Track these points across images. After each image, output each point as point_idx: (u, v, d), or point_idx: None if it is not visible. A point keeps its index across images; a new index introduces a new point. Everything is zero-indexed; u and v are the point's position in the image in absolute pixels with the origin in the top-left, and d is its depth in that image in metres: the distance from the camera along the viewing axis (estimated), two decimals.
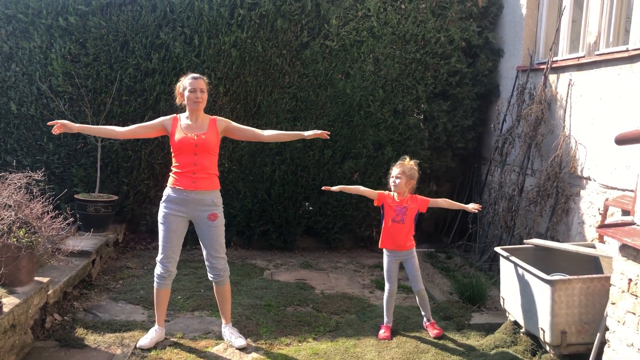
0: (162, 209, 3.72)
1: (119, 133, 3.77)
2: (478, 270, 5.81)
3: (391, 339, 4.02)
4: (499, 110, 6.36)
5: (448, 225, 6.98)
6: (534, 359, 3.71)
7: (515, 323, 4.04)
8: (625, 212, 3.98)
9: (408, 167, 4.05)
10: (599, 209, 4.56)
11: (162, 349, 3.69)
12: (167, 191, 3.73)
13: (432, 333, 4.07)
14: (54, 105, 5.73)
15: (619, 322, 3.05)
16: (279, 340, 3.94)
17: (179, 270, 3.91)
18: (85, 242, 4.91)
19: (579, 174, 4.90)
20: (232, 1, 5.80)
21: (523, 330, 3.93)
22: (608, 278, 3.30)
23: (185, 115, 3.79)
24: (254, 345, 3.82)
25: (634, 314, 2.91)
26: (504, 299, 4.19)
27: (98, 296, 4.60)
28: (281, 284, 5.12)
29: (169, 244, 3.70)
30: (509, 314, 4.14)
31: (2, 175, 3.83)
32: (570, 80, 5.13)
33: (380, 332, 4.09)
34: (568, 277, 3.55)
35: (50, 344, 3.68)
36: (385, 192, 4.14)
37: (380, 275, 5.55)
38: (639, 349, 2.86)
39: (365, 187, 4.23)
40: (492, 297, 4.88)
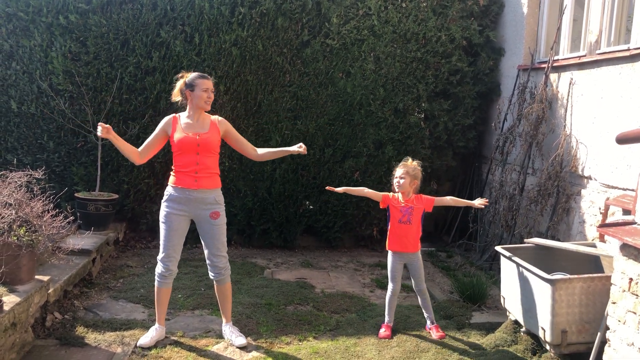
0: (163, 208, 3.71)
1: (138, 158, 3.71)
2: (478, 269, 5.81)
3: (392, 338, 4.02)
4: (500, 109, 6.35)
5: (449, 224, 6.98)
6: (535, 358, 3.71)
7: (516, 322, 4.04)
8: (626, 212, 3.97)
9: (411, 167, 4.04)
10: (599, 208, 4.55)
11: (162, 347, 3.70)
12: (168, 190, 3.72)
13: (435, 335, 4.06)
14: (54, 103, 5.73)
15: (619, 321, 3.04)
16: (280, 339, 3.94)
17: (180, 269, 3.91)
18: (86, 240, 4.91)
19: (580, 173, 4.89)
20: None
21: (523, 329, 3.93)
22: (609, 277, 3.30)
23: (185, 114, 3.75)
24: (254, 344, 3.82)
25: (634, 313, 2.91)
26: (504, 298, 4.19)
27: (98, 295, 4.60)
28: (281, 282, 5.12)
29: (171, 242, 3.70)
30: (509, 313, 4.14)
31: (3, 174, 3.83)
32: (571, 79, 5.12)
33: (381, 330, 4.09)
34: (569, 276, 3.55)
35: (50, 343, 3.69)
36: (390, 194, 4.13)
37: (381, 274, 5.56)
38: (639, 349, 2.86)
39: (369, 189, 4.20)
40: (492, 296, 4.88)
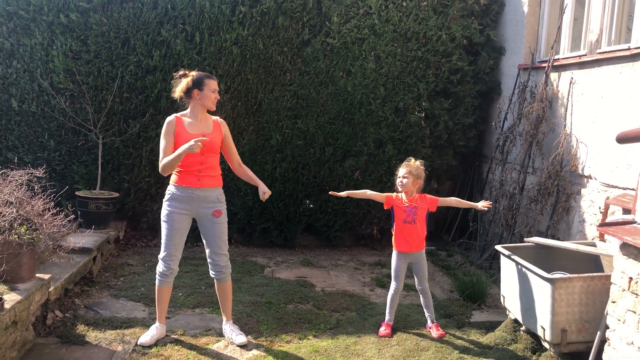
0: (165, 207, 3.69)
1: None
2: (478, 268, 5.81)
3: (392, 337, 4.03)
4: (500, 108, 6.35)
5: (449, 223, 6.98)
6: (534, 357, 3.71)
7: (516, 321, 4.05)
8: (626, 211, 3.98)
9: (414, 166, 4.05)
10: (599, 208, 4.56)
11: (162, 345, 3.70)
12: (170, 189, 3.70)
13: (435, 334, 4.07)
14: (55, 102, 5.74)
15: (619, 320, 3.05)
16: (280, 337, 3.94)
17: (180, 268, 3.91)
18: (86, 239, 4.92)
19: (580, 172, 4.89)
20: None
21: (523, 328, 3.93)
22: (608, 276, 3.31)
23: (187, 114, 3.71)
24: (254, 343, 3.83)
25: (634, 312, 2.91)
26: (504, 297, 4.19)
27: (99, 293, 4.61)
28: (282, 281, 5.13)
29: (172, 241, 3.69)
30: (509, 312, 4.15)
31: (4, 172, 3.83)
32: (572, 78, 5.12)
33: (381, 329, 4.10)
34: (568, 275, 3.56)
35: (51, 341, 3.69)
36: (393, 194, 4.14)
37: (381, 273, 5.56)
38: (639, 348, 2.87)
39: (372, 191, 4.22)
40: (492, 295, 4.89)
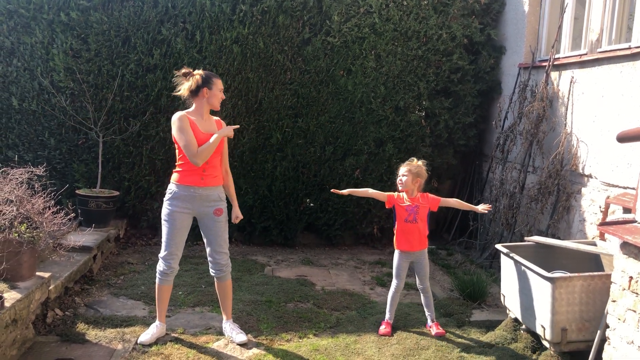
0: (166, 207, 3.67)
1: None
2: (479, 267, 5.81)
3: (392, 335, 4.03)
4: (501, 107, 6.35)
5: (449, 222, 6.99)
6: (534, 356, 3.71)
7: (516, 320, 4.05)
8: (627, 210, 3.97)
9: (414, 165, 4.07)
10: (600, 207, 4.56)
11: (163, 344, 3.70)
12: (172, 188, 3.68)
13: (435, 333, 4.06)
14: (55, 100, 5.74)
15: (619, 319, 3.05)
16: (280, 336, 3.94)
17: (180, 266, 3.91)
18: (87, 237, 4.91)
19: (581, 171, 4.89)
20: None
21: (523, 327, 3.94)
22: (609, 276, 3.31)
23: (193, 112, 3.66)
24: (254, 341, 3.83)
25: (634, 311, 2.91)
26: (504, 296, 4.19)
27: (99, 291, 4.61)
28: (282, 280, 5.13)
29: (174, 241, 3.69)
30: (509, 311, 4.15)
31: (4, 171, 3.83)
32: (572, 77, 5.12)
33: (381, 328, 4.10)
34: (569, 274, 3.56)
35: (51, 339, 3.69)
36: (395, 193, 4.14)
37: (381, 272, 5.56)
38: (639, 347, 2.87)
39: (373, 190, 4.22)
40: (492, 294, 4.89)
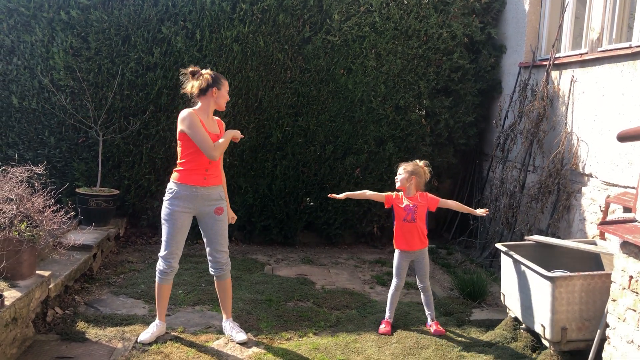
0: (167, 206, 3.65)
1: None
2: (479, 266, 5.81)
3: (392, 334, 4.03)
4: (501, 106, 6.35)
5: (449, 221, 6.99)
6: (534, 355, 3.71)
7: (516, 319, 4.05)
8: (627, 209, 3.97)
9: (410, 163, 4.08)
10: (600, 206, 4.55)
11: (162, 343, 3.70)
12: (173, 187, 3.65)
13: (435, 332, 4.06)
14: (55, 99, 5.73)
15: (619, 319, 3.05)
16: (280, 335, 3.95)
17: (180, 265, 3.91)
18: (87, 236, 4.91)
19: (581, 170, 4.89)
20: None
21: (523, 326, 3.94)
22: (609, 275, 3.31)
23: (198, 110, 3.61)
24: (254, 340, 3.83)
25: (634, 310, 2.91)
26: (504, 296, 4.19)
27: (99, 290, 4.61)
28: (282, 279, 5.13)
29: (174, 240, 3.68)
30: (509, 310, 4.15)
31: (4, 169, 3.83)
32: (573, 76, 5.12)
33: (381, 327, 4.10)
34: (569, 273, 3.56)
35: (51, 338, 3.69)
36: (393, 193, 4.14)
37: (381, 271, 5.56)
38: (639, 346, 2.87)
39: (371, 191, 4.24)
40: (492, 293, 4.89)
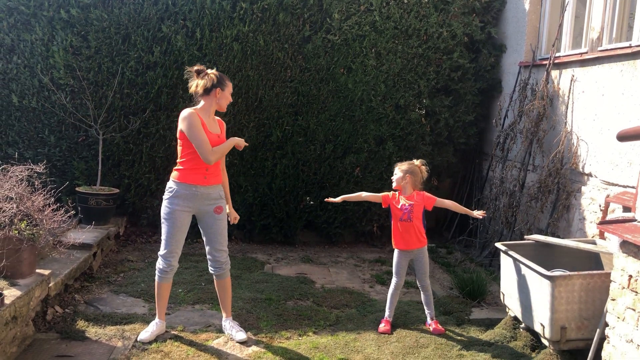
0: (167, 205, 3.65)
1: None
2: (478, 265, 5.81)
3: (391, 333, 4.04)
4: (501, 105, 6.35)
5: (449, 221, 6.99)
6: (534, 354, 3.71)
7: (515, 318, 4.05)
8: (627, 209, 3.97)
9: (406, 163, 4.11)
10: (600, 206, 4.56)
11: (162, 341, 3.71)
12: (172, 186, 3.64)
13: (434, 331, 4.06)
14: (55, 97, 5.73)
15: (618, 318, 3.05)
16: (280, 333, 3.95)
17: (180, 264, 3.91)
18: (87, 234, 4.92)
19: (581, 170, 4.89)
20: None
21: (523, 325, 3.94)
22: (608, 274, 3.31)
23: (200, 110, 3.61)
24: (254, 339, 3.83)
25: (633, 310, 2.91)
26: (504, 295, 4.19)
27: (99, 289, 4.61)
28: (282, 278, 5.13)
29: (174, 239, 3.68)
30: (508, 309, 4.15)
31: (4, 168, 3.83)
32: (573, 76, 5.12)
33: (381, 325, 4.10)
34: (568, 273, 3.56)
35: (51, 336, 3.70)
36: (390, 193, 4.15)
37: (381, 270, 5.57)
38: (638, 345, 2.87)
39: (367, 193, 4.28)
40: (492, 292, 4.89)
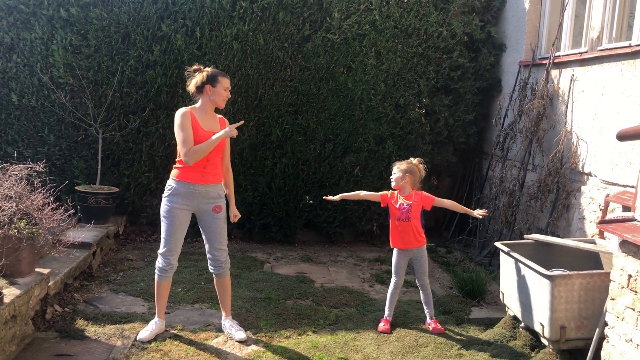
0: (166, 203, 3.66)
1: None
2: (478, 265, 5.82)
3: (391, 333, 4.04)
4: (501, 105, 6.34)
5: (448, 220, 6.99)
6: (533, 354, 3.71)
7: (515, 318, 4.05)
8: (626, 208, 3.97)
9: (405, 162, 4.11)
10: (599, 205, 4.56)
11: (162, 340, 3.71)
12: (171, 184, 3.66)
13: (434, 330, 4.07)
14: (55, 96, 5.73)
15: (618, 317, 3.05)
16: (279, 333, 3.95)
17: (180, 263, 3.91)
18: (86, 233, 4.92)
19: (580, 169, 4.89)
20: None
21: (522, 325, 3.94)
22: (608, 274, 3.31)
23: (197, 109, 3.64)
24: (253, 338, 3.84)
25: (633, 309, 2.91)
26: (503, 294, 4.19)
27: (98, 288, 4.61)
28: (281, 277, 5.13)
29: (173, 237, 3.68)
30: (508, 308, 4.15)
31: (3, 167, 3.83)
32: (573, 75, 5.12)
33: (380, 325, 4.10)
34: (568, 272, 3.56)
35: (50, 335, 3.70)
36: (389, 192, 4.15)
37: (380, 269, 5.57)
38: (637, 345, 2.87)
39: (365, 192, 4.27)
40: (491, 292, 4.89)
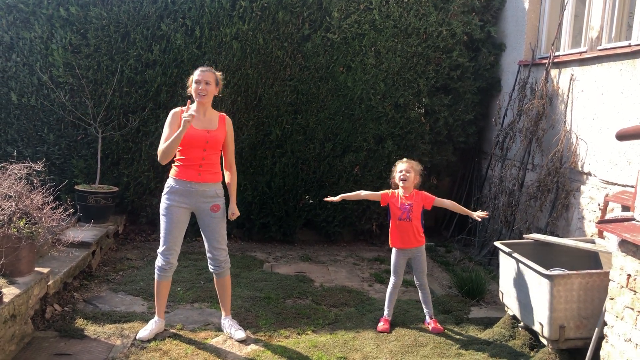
0: (164, 201, 3.69)
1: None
2: (477, 264, 5.82)
3: (390, 332, 4.04)
4: (500, 104, 6.35)
5: (448, 219, 6.99)
6: (532, 353, 3.72)
7: (514, 317, 4.06)
8: (626, 208, 3.98)
9: (415, 162, 4.12)
10: (599, 205, 4.56)
11: (161, 340, 3.71)
12: (169, 182, 3.69)
13: (433, 330, 4.07)
14: (54, 96, 5.73)
15: (617, 317, 3.06)
16: (278, 332, 3.95)
17: (179, 262, 3.91)
18: (86, 233, 4.92)
19: (580, 169, 4.89)
20: None
21: (521, 324, 3.94)
22: (607, 273, 3.31)
23: (193, 107, 3.68)
24: (253, 337, 3.84)
25: (632, 309, 2.92)
26: (502, 294, 4.20)
27: (98, 287, 4.61)
28: (281, 276, 5.13)
29: (171, 235, 3.69)
30: (507, 308, 4.15)
31: (3, 166, 3.83)
32: (572, 75, 5.12)
33: (380, 324, 4.10)
34: (567, 272, 3.56)
35: (50, 334, 3.70)
36: (389, 191, 4.14)
37: (380, 269, 5.57)
38: (636, 344, 2.87)
39: (366, 191, 4.26)
40: (491, 291, 4.90)
